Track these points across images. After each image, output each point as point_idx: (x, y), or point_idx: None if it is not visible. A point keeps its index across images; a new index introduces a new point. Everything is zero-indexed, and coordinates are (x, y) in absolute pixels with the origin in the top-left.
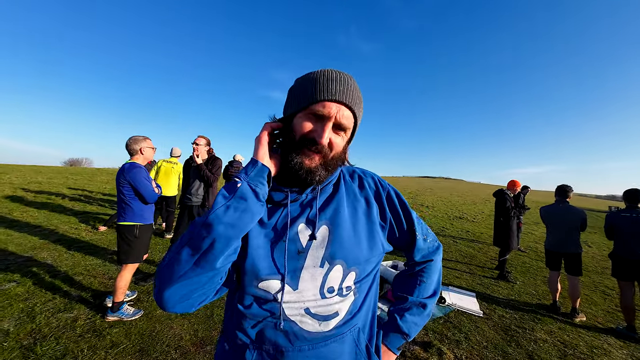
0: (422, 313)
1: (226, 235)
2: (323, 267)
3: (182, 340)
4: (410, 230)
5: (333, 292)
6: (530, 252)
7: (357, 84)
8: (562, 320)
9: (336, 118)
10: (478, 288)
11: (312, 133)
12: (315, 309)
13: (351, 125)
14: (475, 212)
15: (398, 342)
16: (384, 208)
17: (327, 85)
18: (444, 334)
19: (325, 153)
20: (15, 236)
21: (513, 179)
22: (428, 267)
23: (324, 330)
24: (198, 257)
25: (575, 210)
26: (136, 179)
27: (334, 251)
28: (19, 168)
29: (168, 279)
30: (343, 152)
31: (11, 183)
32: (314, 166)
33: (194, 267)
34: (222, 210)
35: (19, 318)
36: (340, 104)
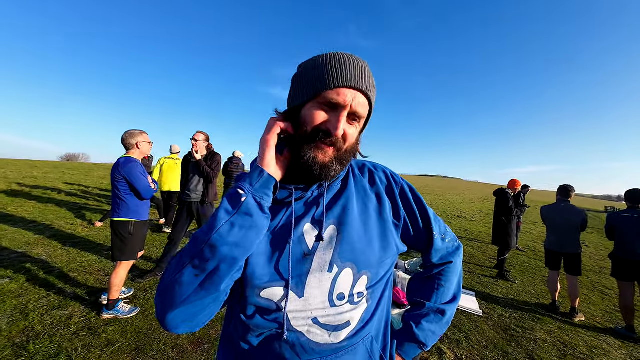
0: (440, 320)
1: (232, 256)
2: (331, 271)
3: (179, 339)
4: (427, 229)
5: (343, 299)
6: (528, 252)
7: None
8: (562, 320)
9: (352, 106)
10: (477, 287)
11: (326, 124)
12: (324, 319)
13: (366, 114)
14: (473, 211)
15: (414, 352)
16: (397, 205)
17: (341, 69)
18: (444, 334)
19: (340, 146)
20: (10, 231)
21: (514, 179)
22: (447, 270)
23: (334, 342)
24: (202, 280)
25: (577, 210)
26: (132, 174)
27: (343, 253)
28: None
29: (170, 302)
30: (356, 143)
31: (6, 177)
32: (328, 160)
33: (197, 290)
34: (226, 229)
35: (12, 315)
36: (356, 90)
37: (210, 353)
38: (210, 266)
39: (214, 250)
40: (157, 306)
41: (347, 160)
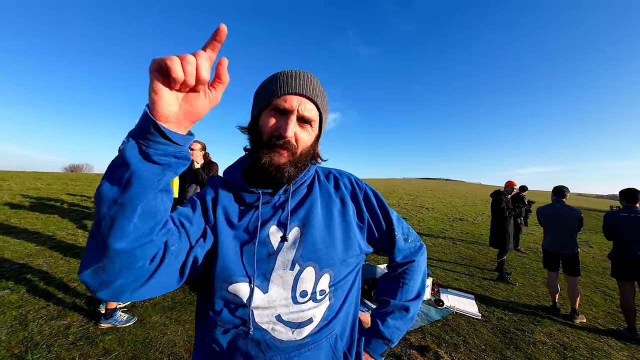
0: (404, 317)
1: (110, 214)
2: (293, 269)
3: (176, 347)
4: (389, 230)
5: (306, 295)
6: (530, 253)
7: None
8: (562, 321)
9: (298, 111)
10: (477, 290)
11: (278, 128)
12: (287, 316)
13: (316, 118)
14: (475, 214)
15: (380, 348)
16: (360, 208)
17: (287, 80)
18: (442, 338)
19: (293, 149)
20: (12, 243)
21: (509, 180)
22: (410, 269)
23: (298, 339)
24: (96, 241)
25: (572, 209)
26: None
27: (306, 252)
28: (19, 174)
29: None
30: (312, 147)
31: (10, 189)
32: (282, 162)
33: (95, 251)
34: (105, 186)
35: (12, 326)
36: (301, 97)
37: None
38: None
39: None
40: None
41: (303, 164)
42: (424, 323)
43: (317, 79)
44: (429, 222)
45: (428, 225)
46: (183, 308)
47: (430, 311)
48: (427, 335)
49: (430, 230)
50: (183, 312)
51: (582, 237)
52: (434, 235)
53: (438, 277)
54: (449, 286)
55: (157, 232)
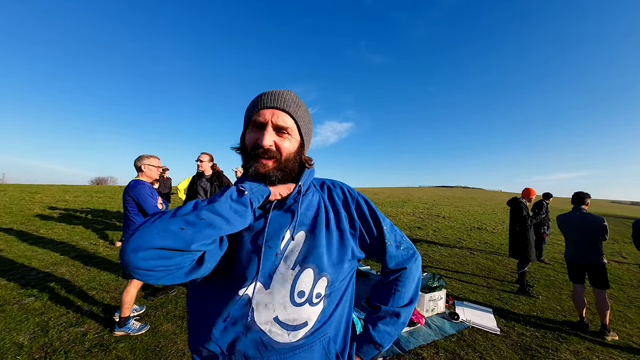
0: (396, 322)
1: (218, 226)
2: (294, 269)
3: (185, 356)
4: (380, 237)
5: (303, 296)
6: (555, 265)
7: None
8: (591, 339)
9: (272, 121)
10: (496, 303)
11: (257, 140)
12: (284, 317)
13: (292, 126)
14: (495, 222)
15: (371, 352)
16: (352, 216)
17: (262, 98)
18: (457, 353)
19: (277, 157)
20: (39, 252)
21: (527, 187)
22: (403, 276)
23: (293, 341)
24: (184, 233)
25: (593, 217)
26: (139, 195)
27: (307, 255)
28: (50, 188)
29: (145, 242)
30: (297, 154)
31: (41, 202)
32: (266, 170)
33: (174, 239)
34: (226, 207)
35: (34, 332)
36: (274, 109)
37: None
38: (200, 223)
39: (209, 215)
40: (128, 245)
41: (290, 169)
42: (437, 337)
43: (292, 93)
44: (445, 232)
45: (444, 234)
46: None
47: (444, 325)
48: (440, 351)
49: (446, 240)
50: None
51: (614, 248)
52: (450, 245)
53: (453, 289)
54: (465, 299)
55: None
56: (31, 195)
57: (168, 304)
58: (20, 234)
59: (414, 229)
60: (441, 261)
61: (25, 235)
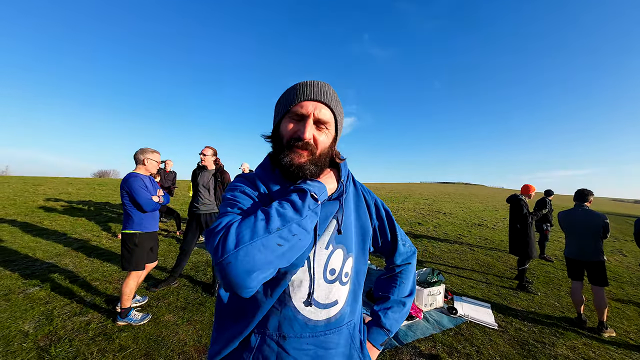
0: (401, 310)
1: (306, 240)
2: (327, 248)
3: (186, 346)
4: (393, 237)
5: (334, 274)
6: (555, 262)
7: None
8: (588, 335)
9: (314, 115)
10: (494, 299)
11: (297, 132)
12: (317, 294)
13: (331, 121)
14: (496, 219)
15: (381, 338)
16: (371, 215)
17: (303, 89)
18: (454, 347)
19: (312, 150)
20: (43, 243)
21: (527, 184)
22: (406, 270)
23: (323, 319)
24: (284, 250)
25: (595, 215)
26: (132, 188)
27: (338, 237)
28: (53, 180)
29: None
30: (330, 148)
31: (45, 194)
32: (302, 162)
33: (278, 256)
34: (309, 221)
35: (39, 320)
36: (316, 102)
37: None
38: (294, 240)
39: (299, 230)
40: (234, 269)
41: (323, 163)
42: (435, 331)
43: (331, 87)
44: (445, 227)
45: (444, 230)
46: (195, 308)
47: (442, 319)
48: (438, 344)
49: (447, 236)
50: (195, 312)
51: (615, 245)
52: (450, 240)
53: (453, 285)
54: (464, 294)
55: None
56: (34, 187)
57: (170, 295)
58: (24, 225)
59: (414, 225)
60: (441, 257)
61: (29, 227)
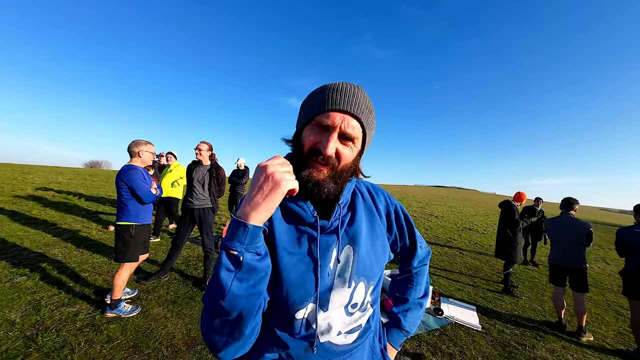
0: (419, 311)
1: (250, 304)
2: (350, 286)
3: (175, 339)
4: (412, 242)
5: (356, 307)
6: (541, 267)
7: (369, 95)
8: (567, 339)
9: (341, 128)
10: (480, 302)
11: (318, 144)
12: (343, 329)
13: (359, 136)
14: (486, 224)
15: (400, 339)
16: (391, 222)
17: (331, 95)
18: (438, 347)
19: (334, 164)
20: (31, 233)
21: (519, 191)
22: (421, 271)
23: (349, 342)
24: (230, 329)
25: (580, 223)
26: (132, 180)
27: (358, 270)
28: (42, 169)
29: (215, 346)
30: (354, 163)
31: (34, 183)
32: (322, 178)
33: (231, 336)
34: (236, 285)
35: (26, 310)
36: (345, 114)
37: (203, 354)
38: (233, 315)
39: (233, 304)
40: (208, 346)
41: (343, 180)
42: (421, 331)
43: (364, 93)
44: (436, 231)
45: (435, 233)
46: (185, 302)
47: (428, 319)
48: (422, 344)
49: (437, 239)
50: (184, 306)
51: (599, 254)
52: (440, 244)
53: (440, 287)
54: (451, 296)
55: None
56: (23, 175)
57: (160, 288)
58: (12, 213)
59: None
60: (431, 259)
61: (17, 215)
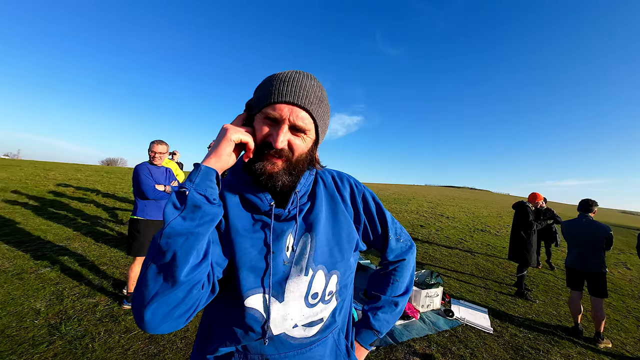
0: (393, 311)
1: (187, 244)
2: (307, 274)
3: (188, 332)
4: (383, 231)
5: (317, 297)
6: (556, 271)
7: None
8: (584, 345)
9: (290, 120)
10: (492, 304)
11: (269, 137)
12: (301, 321)
13: (311, 127)
14: (499, 225)
15: (370, 339)
16: (358, 210)
17: (278, 86)
18: (448, 348)
19: (287, 156)
20: (54, 227)
21: (534, 192)
22: (400, 267)
23: (309, 336)
24: (164, 274)
25: (599, 226)
26: (136, 176)
27: (316, 257)
28: (62, 166)
29: (142, 301)
30: (309, 154)
31: (55, 179)
32: (275, 171)
33: (163, 285)
34: (178, 222)
35: (50, 300)
36: (292, 105)
37: None
38: (168, 256)
39: (169, 242)
40: (133, 311)
41: (299, 171)
42: (431, 332)
43: (314, 82)
44: (447, 231)
45: (446, 234)
46: None
47: (438, 320)
48: (432, 344)
49: (448, 240)
50: None
51: (620, 258)
52: (452, 245)
53: (451, 288)
54: (461, 298)
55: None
56: (45, 172)
57: None
58: (36, 208)
59: (416, 227)
60: (441, 260)
61: (40, 210)
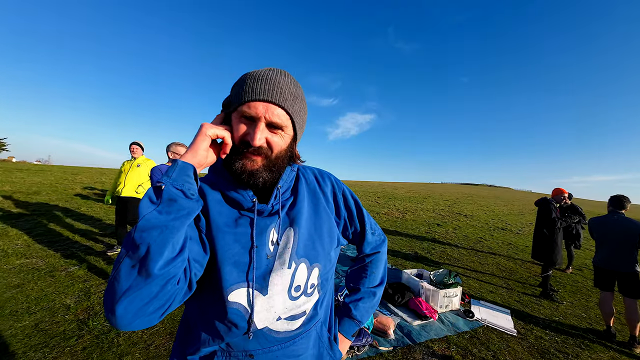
0: (372, 300)
1: (162, 238)
2: (290, 267)
3: None
4: (361, 226)
5: (299, 290)
6: (585, 271)
7: (296, 78)
8: (617, 349)
9: (266, 117)
10: (515, 305)
11: (246, 136)
12: (284, 314)
13: (287, 123)
14: (521, 224)
15: (352, 329)
16: (339, 205)
17: (253, 85)
18: (469, 350)
19: (266, 154)
20: (81, 228)
21: (559, 187)
22: (375, 259)
23: (292, 329)
24: (138, 267)
25: (632, 223)
26: (152, 176)
27: (298, 250)
28: (88, 170)
29: (114, 296)
30: (288, 150)
31: (81, 182)
32: (255, 168)
33: (137, 278)
34: (153, 215)
35: (78, 296)
36: (267, 103)
37: None
38: (142, 250)
39: (143, 235)
40: (104, 307)
41: (279, 167)
42: (450, 333)
43: (289, 79)
44: (465, 230)
45: (464, 233)
46: None
47: (458, 321)
48: (452, 346)
49: (467, 239)
50: None
51: None
52: (471, 244)
53: (470, 288)
54: (482, 298)
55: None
56: (73, 176)
57: None
58: (65, 210)
59: (433, 226)
60: (459, 259)
61: (68, 212)
